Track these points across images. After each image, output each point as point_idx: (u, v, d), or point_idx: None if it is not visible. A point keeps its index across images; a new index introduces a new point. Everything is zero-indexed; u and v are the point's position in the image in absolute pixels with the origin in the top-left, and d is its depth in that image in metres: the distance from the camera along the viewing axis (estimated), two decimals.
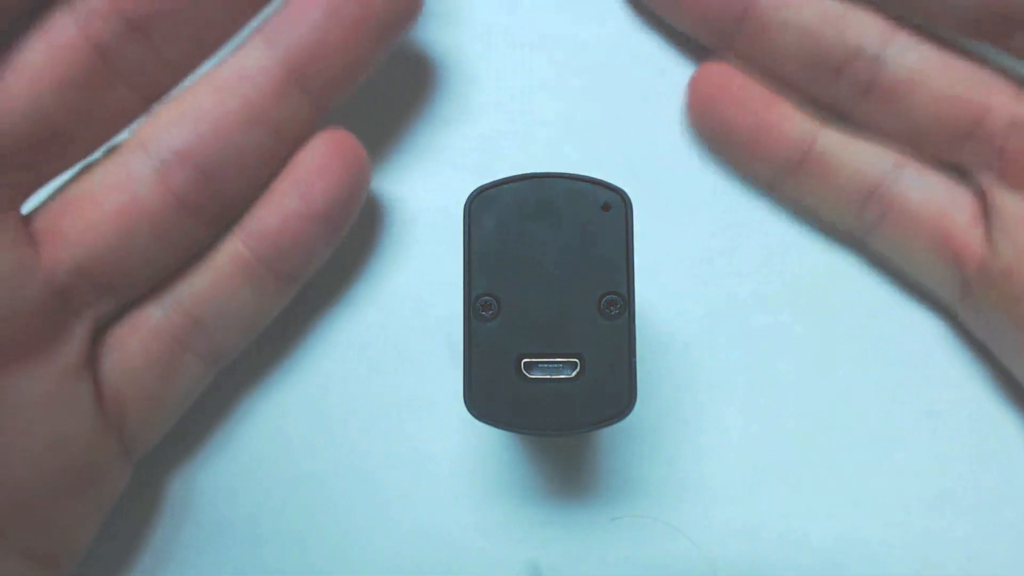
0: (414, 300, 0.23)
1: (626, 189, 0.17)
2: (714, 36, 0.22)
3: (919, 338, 0.23)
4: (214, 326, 0.21)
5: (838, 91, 0.21)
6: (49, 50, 0.18)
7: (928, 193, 0.21)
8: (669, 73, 0.23)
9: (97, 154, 0.20)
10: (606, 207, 0.17)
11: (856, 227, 0.22)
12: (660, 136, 0.23)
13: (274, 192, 0.20)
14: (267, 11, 0.20)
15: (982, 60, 0.21)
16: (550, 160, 0.23)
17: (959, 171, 0.21)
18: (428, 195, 0.23)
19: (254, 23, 0.20)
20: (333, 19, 0.19)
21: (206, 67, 0.20)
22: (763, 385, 0.23)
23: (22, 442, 0.18)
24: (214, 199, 0.20)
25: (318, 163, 0.20)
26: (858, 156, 0.21)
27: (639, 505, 0.22)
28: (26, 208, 0.19)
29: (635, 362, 0.16)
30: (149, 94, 0.19)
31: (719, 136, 0.22)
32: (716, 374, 0.23)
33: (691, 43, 0.23)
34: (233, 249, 0.20)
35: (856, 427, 0.22)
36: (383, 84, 0.23)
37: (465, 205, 0.17)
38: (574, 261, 0.17)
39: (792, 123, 0.21)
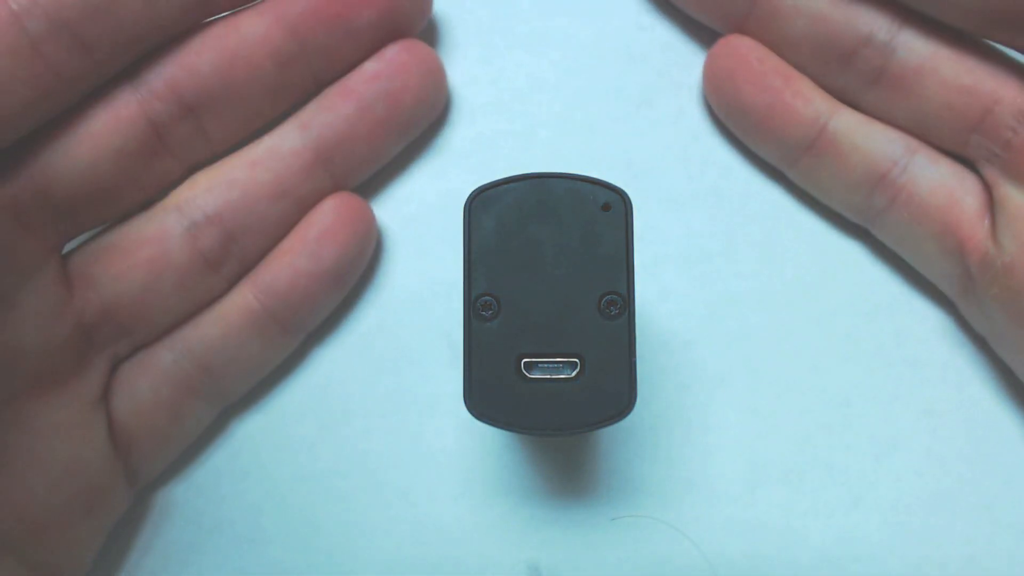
0: (414, 300, 0.23)
1: (626, 189, 0.17)
2: (724, 19, 0.22)
3: (918, 338, 0.23)
4: (222, 373, 0.22)
5: (847, 79, 0.21)
6: (110, 121, 0.20)
7: (938, 182, 0.21)
8: (669, 73, 0.23)
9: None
10: (606, 207, 0.17)
11: (864, 212, 0.22)
12: (660, 136, 0.23)
13: (286, 250, 0.22)
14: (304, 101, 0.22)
15: (993, 50, 0.21)
16: (550, 160, 0.23)
17: (967, 162, 0.21)
18: (428, 195, 0.23)
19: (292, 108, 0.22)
20: (363, 114, 0.21)
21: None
22: (763, 384, 0.23)
23: (42, 464, 0.19)
24: (235, 258, 0.21)
25: (328, 225, 0.22)
26: (871, 140, 0.21)
27: (639, 505, 0.22)
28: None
29: (635, 362, 0.16)
30: (190, 163, 0.21)
31: (734, 112, 0.22)
32: (716, 373, 0.23)
33: (692, 43, 0.23)
34: (244, 302, 0.21)
35: (856, 426, 0.22)
36: None
37: (465, 205, 0.17)
38: (574, 261, 0.17)
39: (807, 103, 0.21)
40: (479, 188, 0.17)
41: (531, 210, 0.17)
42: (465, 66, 0.23)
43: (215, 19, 0.21)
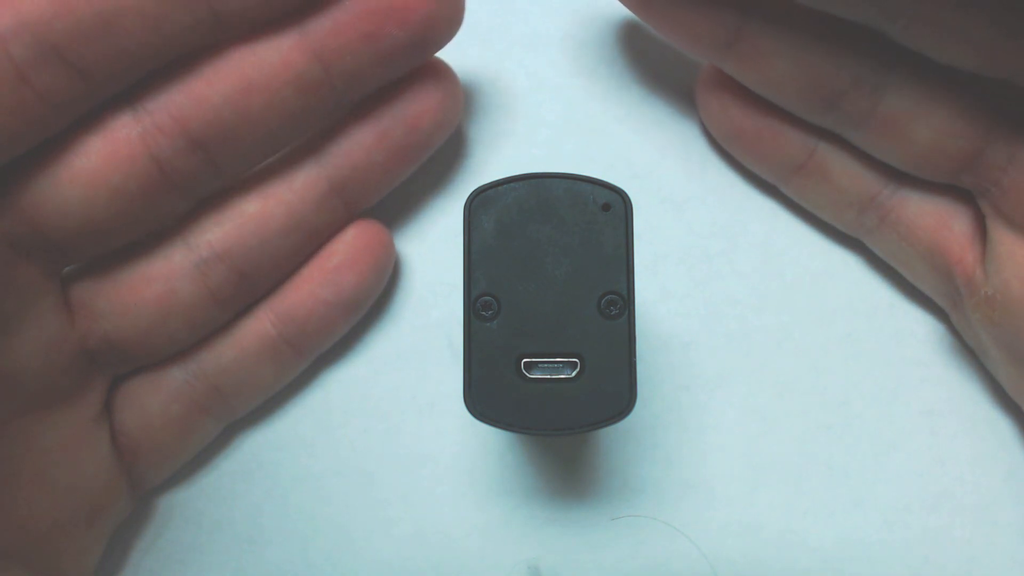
0: (414, 300, 0.23)
1: (626, 189, 0.17)
2: (705, 57, 0.21)
3: (918, 338, 0.23)
4: (232, 393, 0.22)
5: (832, 120, 0.20)
6: (108, 158, 0.18)
7: (927, 204, 0.21)
8: (669, 73, 0.23)
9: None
10: (606, 207, 0.17)
11: (856, 229, 0.22)
12: (660, 136, 0.23)
13: (306, 279, 0.21)
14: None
15: (986, 86, 0.19)
16: (550, 160, 0.23)
17: (959, 190, 0.21)
18: (428, 195, 0.23)
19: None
20: (382, 142, 0.20)
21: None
22: (762, 385, 0.23)
23: (44, 479, 0.19)
24: (245, 293, 0.21)
25: (350, 255, 0.21)
26: (860, 162, 0.21)
27: (639, 505, 0.22)
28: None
29: (635, 362, 0.16)
30: (198, 198, 0.20)
31: (726, 135, 0.22)
32: (716, 374, 0.23)
33: None
34: (261, 328, 0.21)
35: (855, 427, 0.22)
36: None
37: (465, 205, 0.17)
38: (574, 261, 0.17)
39: (797, 125, 0.21)
40: (479, 188, 0.17)
41: (531, 210, 0.17)
42: (465, 66, 0.23)
43: (229, 40, 0.19)
